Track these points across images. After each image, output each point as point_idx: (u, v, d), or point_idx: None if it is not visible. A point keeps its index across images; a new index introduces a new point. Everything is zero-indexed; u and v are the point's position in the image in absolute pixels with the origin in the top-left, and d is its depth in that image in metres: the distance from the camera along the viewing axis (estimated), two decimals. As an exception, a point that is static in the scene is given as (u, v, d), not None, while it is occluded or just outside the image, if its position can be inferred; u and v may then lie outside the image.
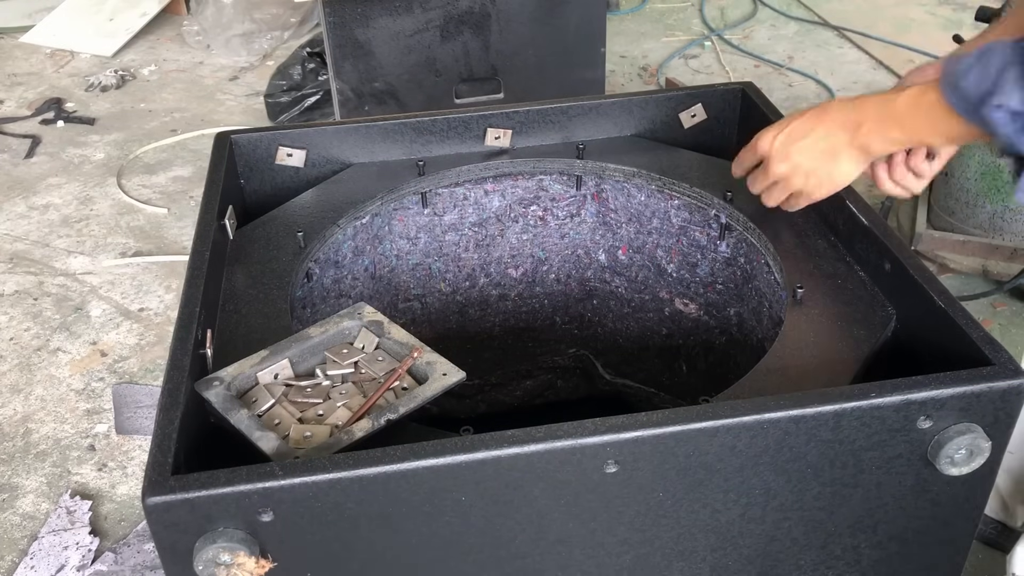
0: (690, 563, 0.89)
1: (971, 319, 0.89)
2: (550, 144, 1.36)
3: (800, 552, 0.90)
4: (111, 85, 3.67)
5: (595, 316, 1.51)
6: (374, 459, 0.76)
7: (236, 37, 3.90)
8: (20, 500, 1.87)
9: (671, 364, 1.45)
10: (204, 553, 0.74)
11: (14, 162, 3.17)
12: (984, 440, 0.83)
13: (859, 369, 0.94)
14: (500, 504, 0.80)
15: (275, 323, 1.01)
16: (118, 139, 3.30)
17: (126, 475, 1.92)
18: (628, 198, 1.35)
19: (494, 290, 1.46)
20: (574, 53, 2.52)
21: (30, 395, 2.14)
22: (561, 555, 0.85)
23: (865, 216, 1.05)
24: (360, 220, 1.26)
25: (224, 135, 1.29)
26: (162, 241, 2.72)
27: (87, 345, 2.30)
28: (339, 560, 0.80)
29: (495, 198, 1.37)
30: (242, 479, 0.74)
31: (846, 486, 0.86)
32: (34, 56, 3.97)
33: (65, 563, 1.71)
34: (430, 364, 0.91)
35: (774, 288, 1.15)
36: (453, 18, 2.38)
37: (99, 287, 2.51)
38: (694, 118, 1.38)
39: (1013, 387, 0.82)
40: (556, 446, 0.77)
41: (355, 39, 2.33)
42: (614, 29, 3.66)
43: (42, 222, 2.82)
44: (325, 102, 3.17)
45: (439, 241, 1.38)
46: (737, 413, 0.80)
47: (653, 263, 1.39)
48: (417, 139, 1.33)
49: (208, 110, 3.51)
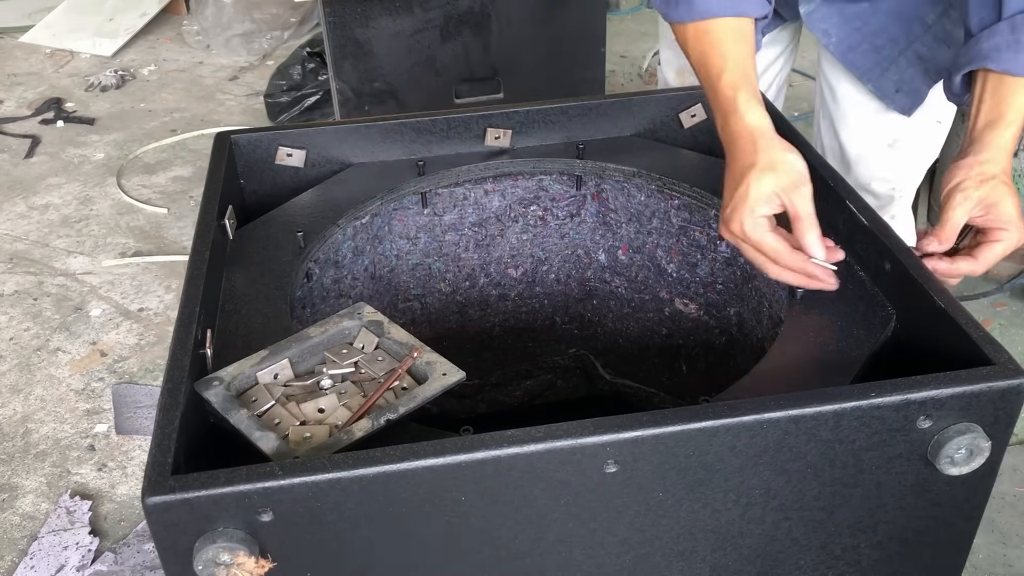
0: (690, 563, 0.89)
1: (971, 319, 0.89)
2: (550, 144, 1.36)
3: (800, 552, 0.90)
4: (111, 85, 3.67)
5: (595, 316, 1.51)
6: (374, 459, 0.76)
7: (236, 37, 3.90)
8: (20, 500, 1.87)
9: (671, 364, 1.45)
10: (204, 553, 0.74)
11: (14, 162, 3.17)
12: (984, 440, 0.83)
13: (859, 369, 0.93)
14: (500, 504, 0.80)
15: (275, 323, 1.01)
16: (118, 139, 3.30)
17: (126, 475, 1.92)
18: (628, 198, 1.35)
19: (494, 290, 1.46)
20: (574, 53, 2.52)
21: (30, 395, 2.14)
22: (561, 555, 0.85)
23: (865, 216, 1.05)
24: (360, 220, 1.26)
25: (224, 135, 1.29)
26: (162, 241, 2.72)
27: (87, 345, 2.30)
28: (339, 560, 0.80)
29: (495, 198, 1.37)
30: (242, 479, 0.74)
31: (846, 486, 0.86)
32: (34, 56, 3.97)
33: (65, 563, 1.71)
34: (430, 364, 0.91)
35: (774, 288, 1.15)
36: (453, 18, 2.38)
37: (99, 287, 2.51)
38: (694, 118, 1.38)
39: (1013, 387, 0.82)
40: (556, 446, 0.77)
41: (355, 39, 2.33)
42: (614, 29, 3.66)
43: (42, 222, 2.82)
44: (325, 102, 3.17)
45: (439, 241, 1.38)
46: (737, 413, 0.80)
47: (653, 263, 1.39)
48: (417, 139, 1.33)
49: (208, 110, 3.52)
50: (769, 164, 0.96)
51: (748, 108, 1.01)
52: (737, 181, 0.97)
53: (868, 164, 1.50)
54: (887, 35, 1.35)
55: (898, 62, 1.36)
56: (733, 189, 0.98)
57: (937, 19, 1.33)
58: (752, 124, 1.00)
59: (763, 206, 0.95)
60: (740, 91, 1.02)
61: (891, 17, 1.33)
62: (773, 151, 0.97)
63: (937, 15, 1.33)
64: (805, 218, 0.95)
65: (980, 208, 1.01)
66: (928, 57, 1.35)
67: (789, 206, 0.95)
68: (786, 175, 0.95)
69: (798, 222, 0.96)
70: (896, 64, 1.36)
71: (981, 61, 1.06)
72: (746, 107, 1.01)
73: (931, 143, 1.50)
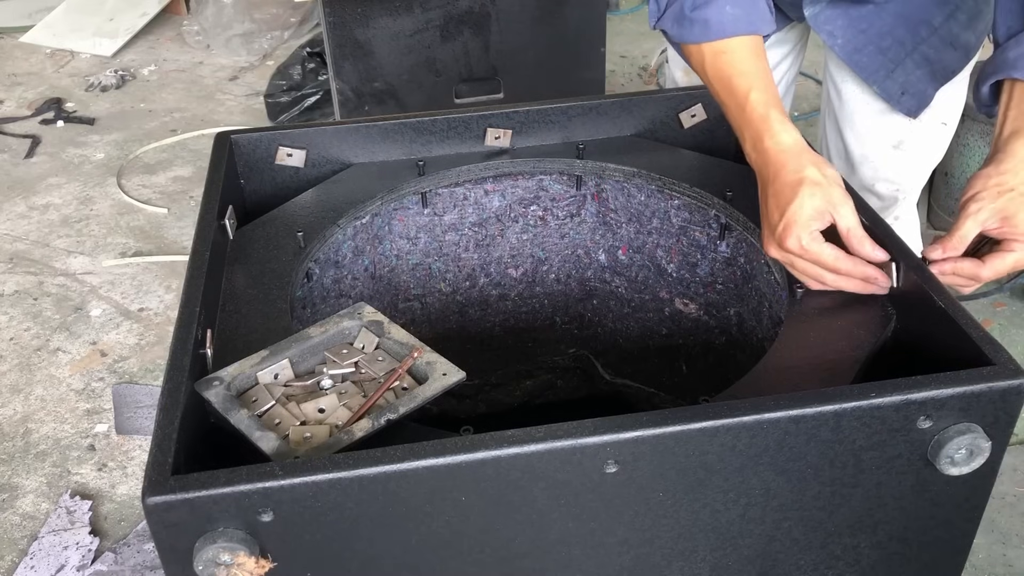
0: (690, 563, 0.89)
1: (971, 319, 0.89)
2: (550, 144, 1.36)
3: (800, 552, 0.90)
4: (111, 85, 3.67)
5: (595, 316, 1.51)
6: (374, 459, 0.76)
7: (236, 37, 3.90)
8: (20, 500, 1.87)
9: (671, 364, 1.45)
10: (204, 553, 0.74)
11: (14, 162, 3.17)
12: (984, 440, 0.83)
13: (859, 369, 0.94)
14: (500, 504, 0.80)
15: (275, 323, 1.01)
16: (118, 139, 3.30)
17: (126, 475, 1.92)
18: (628, 198, 1.35)
19: (494, 290, 1.46)
20: (574, 53, 2.52)
21: (30, 395, 2.14)
22: (561, 555, 0.85)
23: (865, 216, 1.05)
24: (360, 220, 1.26)
25: (224, 135, 1.29)
26: (162, 241, 2.72)
27: (87, 345, 2.30)
28: (339, 560, 0.80)
29: (495, 198, 1.37)
30: (242, 479, 0.74)
31: (846, 486, 0.86)
32: (34, 56, 3.98)
33: (65, 563, 1.71)
34: (430, 364, 0.91)
35: (774, 288, 1.15)
36: (453, 18, 2.38)
37: (99, 287, 2.51)
38: (694, 118, 1.38)
39: (1013, 387, 0.82)
40: (556, 446, 0.77)
41: (355, 39, 2.33)
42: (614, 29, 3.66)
43: (42, 222, 2.82)
44: (325, 102, 3.17)
45: (439, 241, 1.38)
46: (737, 413, 0.80)
47: (653, 263, 1.39)
48: (417, 139, 1.33)
49: (208, 110, 3.52)
50: (816, 181, 0.99)
51: (783, 127, 1.03)
52: (787, 199, 0.99)
53: (873, 165, 1.50)
54: (893, 37, 1.35)
55: (904, 64, 1.36)
56: (783, 207, 0.99)
57: (944, 21, 1.33)
58: (790, 142, 1.02)
59: (816, 221, 0.98)
60: (772, 109, 1.04)
61: (897, 19, 1.33)
62: (817, 168, 1.00)
63: (944, 17, 1.33)
64: (855, 229, 0.98)
65: (996, 220, 1.01)
66: (935, 59, 1.35)
67: (839, 219, 0.98)
68: (832, 191, 0.99)
69: (849, 233, 0.98)
70: (902, 66, 1.36)
71: (1008, 71, 1.06)
72: (780, 126, 1.03)
73: (936, 145, 1.50)
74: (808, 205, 0.98)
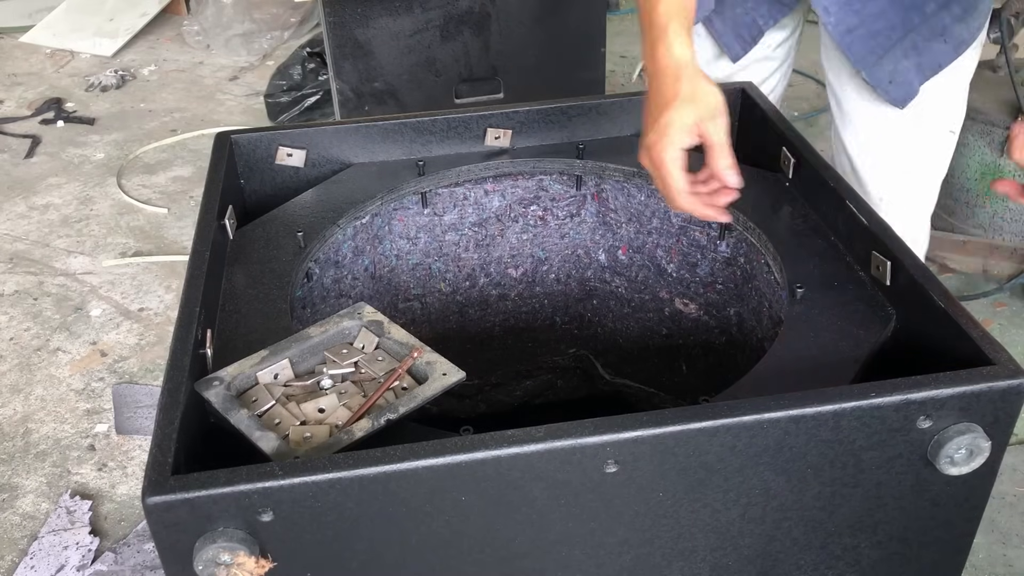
0: (690, 563, 0.89)
1: (971, 319, 0.89)
2: (550, 144, 1.36)
3: (800, 552, 0.90)
4: (111, 85, 3.67)
5: (595, 316, 1.51)
6: (374, 459, 0.76)
7: (236, 37, 3.90)
8: (20, 500, 1.87)
9: (671, 364, 1.45)
10: (204, 553, 0.74)
11: (14, 162, 3.17)
12: (984, 440, 0.83)
13: (859, 369, 0.94)
14: (500, 504, 0.80)
15: (275, 323, 1.01)
16: (118, 139, 3.30)
17: (126, 475, 1.92)
18: (628, 198, 1.35)
19: (494, 290, 1.47)
20: (574, 53, 2.52)
21: (30, 395, 2.14)
22: (561, 555, 0.85)
23: (865, 216, 1.05)
24: (360, 220, 1.26)
25: (224, 135, 1.29)
26: (162, 241, 2.72)
27: (87, 345, 2.30)
28: (339, 560, 0.80)
29: (495, 198, 1.37)
30: (242, 479, 0.74)
31: (846, 486, 0.86)
32: (34, 56, 3.98)
33: (65, 563, 1.71)
34: (430, 364, 0.91)
35: (774, 288, 1.15)
36: (453, 18, 2.38)
37: (99, 287, 2.51)
38: (694, 118, 1.38)
39: (1013, 387, 0.82)
40: (556, 446, 0.77)
41: (355, 39, 2.33)
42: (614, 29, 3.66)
43: (42, 222, 2.82)
44: (325, 102, 3.17)
45: (439, 241, 1.38)
46: (737, 413, 0.80)
47: (653, 263, 1.39)
48: (417, 139, 1.33)
49: (208, 110, 3.52)
50: (690, 96, 1.00)
51: (678, 39, 1.04)
52: (660, 111, 1.01)
53: (880, 175, 1.50)
54: (885, 20, 1.35)
55: (893, 51, 1.36)
56: (656, 118, 1.02)
57: (936, 10, 1.34)
58: (678, 56, 1.03)
59: (684, 136, 1.00)
60: (673, 21, 1.05)
61: (890, 2, 1.34)
62: (694, 83, 1.01)
63: (937, 6, 1.33)
64: (719, 146, 1.00)
65: None
66: (923, 49, 1.36)
67: (705, 135, 1.00)
68: (705, 106, 1.00)
69: (712, 150, 1.01)
70: (891, 53, 1.36)
71: None
72: (676, 38, 1.04)
73: (942, 154, 1.50)
74: (678, 120, 1.00)
